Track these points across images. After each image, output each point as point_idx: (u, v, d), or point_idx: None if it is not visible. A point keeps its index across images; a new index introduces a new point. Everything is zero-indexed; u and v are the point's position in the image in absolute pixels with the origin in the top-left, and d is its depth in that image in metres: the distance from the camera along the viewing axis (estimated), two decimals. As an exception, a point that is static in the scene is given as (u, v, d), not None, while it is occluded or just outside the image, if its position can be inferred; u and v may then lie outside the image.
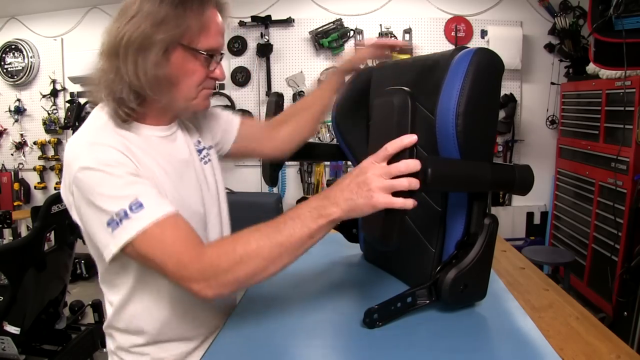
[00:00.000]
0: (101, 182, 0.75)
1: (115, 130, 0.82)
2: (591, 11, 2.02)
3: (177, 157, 0.92)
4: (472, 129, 0.82)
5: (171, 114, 0.91)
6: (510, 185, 0.86)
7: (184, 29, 0.79)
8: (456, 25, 3.59)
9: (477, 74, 0.84)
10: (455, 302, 0.89)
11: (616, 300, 2.50)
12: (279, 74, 3.69)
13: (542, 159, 3.66)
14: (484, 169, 0.83)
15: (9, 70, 3.99)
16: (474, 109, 0.82)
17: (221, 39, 0.86)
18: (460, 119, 0.81)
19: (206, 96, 0.88)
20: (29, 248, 2.02)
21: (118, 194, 0.74)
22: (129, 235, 0.73)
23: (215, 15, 0.84)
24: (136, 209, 0.73)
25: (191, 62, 0.82)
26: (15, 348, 2.05)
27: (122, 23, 0.79)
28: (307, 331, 0.88)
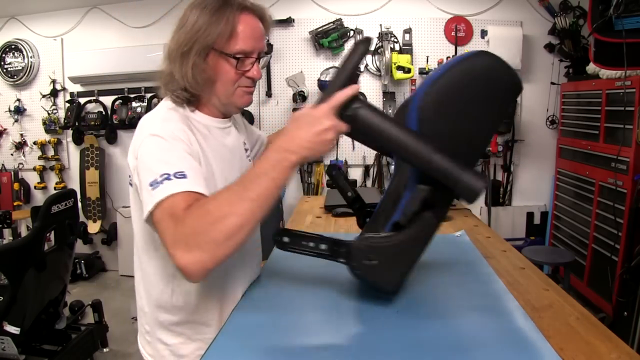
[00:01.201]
0: (161, 148, 0.86)
1: (183, 113, 0.97)
2: (591, 11, 2.02)
3: (229, 146, 1.07)
4: (438, 115, 0.83)
5: (222, 108, 1.04)
6: (452, 181, 0.81)
7: (216, 36, 0.92)
8: (456, 25, 3.59)
9: (467, 71, 0.84)
10: (359, 269, 0.87)
11: (616, 300, 2.50)
12: (279, 74, 3.69)
13: (542, 159, 3.66)
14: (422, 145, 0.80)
15: (9, 70, 3.99)
16: (449, 98, 0.83)
17: (254, 42, 0.97)
18: (427, 97, 0.83)
19: (243, 93, 1.01)
20: (29, 248, 2.02)
21: (170, 161, 0.84)
22: (164, 194, 0.79)
23: (249, 20, 0.97)
24: (179, 177, 0.81)
25: (224, 64, 0.96)
26: (15, 348, 2.05)
27: (175, 32, 0.96)
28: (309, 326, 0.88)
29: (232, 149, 1.08)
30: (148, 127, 0.91)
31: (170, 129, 0.90)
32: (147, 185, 0.82)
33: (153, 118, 0.95)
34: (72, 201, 2.29)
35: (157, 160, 0.84)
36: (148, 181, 0.82)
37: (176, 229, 0.76)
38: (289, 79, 3.62)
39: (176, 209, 0.78)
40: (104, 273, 4.12)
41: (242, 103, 1.03)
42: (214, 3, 0.93)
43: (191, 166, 0.85)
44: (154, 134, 0.88)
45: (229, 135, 1.08)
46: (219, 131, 1.05)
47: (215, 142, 1.02)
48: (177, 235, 0.76)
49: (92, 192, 3.98)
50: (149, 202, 0.81)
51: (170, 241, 0.76)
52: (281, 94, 3.73)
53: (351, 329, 0.87)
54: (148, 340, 1.06)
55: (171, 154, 0.86)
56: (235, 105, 1.03)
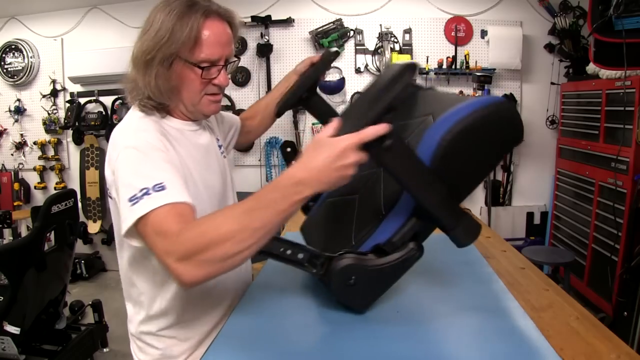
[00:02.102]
0: (137, 161, 0.84)
1: (154, 120, 0.95)
2: (591, 11, 2.02)
3: (204, 147, 1.06)
4: (453, 152, 0.83)
5: (190, 115, 1.02)
6: (449, 227, 0.83)
7: (180, 44, 0.89)
8: (456, 25, 3.59)
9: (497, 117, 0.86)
10: (336, 288, 0.86)
11: (616, 300, 2.50)
12: (279, 74, 3.69)
13: (542, 159, 3.66)
14: (437, 187, 0.81)
15: (9, 70, 3.99)
16: (468, 139, 0.83)
17: (220, 48, 0.93)
18: (449, 134, 0.82)
19: (210, 102, 0.99)
20: (29, 248, 2.02)
21: (147, 174, 0.82)
22: (144, 210, 0.77)
23: (214, 26, 0.92)
24: (158, 189, 0.79)
25: (189, 73, 0.93)
26: (15, 348, 2.05)
27: (140, 36, 0.93)
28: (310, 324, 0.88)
29: (207, 149, 1.07)
30: (122, 140, 0.89)
31: (144, 139, 0.88)
32: (126, 200, 0.80)
33: (126, 129, 0.93)
34: (72, 201, 2.29)
35: (134, 174, 0.82)
36: (127, 197, 0.80)
37: (167, 243, 0.75)
38: (289, 79, 3.62)
39: (162, 224, 0.76)
40: (104, 273, 4.12)
41: (210, 111, 1.01)
42: (178, 7, 0.90)
43: (170, 175, 0.83)
44: (128, 146, 0.86)
45: (201, 136, 1.07)
46: (191, 133, 1.03)
47: (190, 145, 1.01)
48: (169, 248, 0.74)
49: (92, 192, 3.98)
50: (129, 217, 0.79)
51: (162, 252, 0.75)
52: (281, 94, 3.73)
53: (351, 329, 0.87)
54: (139, 345, 1.06)
55: (148, 166, 0.83)
56: (203, 113, 1.01)
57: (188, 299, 1.01)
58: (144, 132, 0.90)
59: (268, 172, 3.83)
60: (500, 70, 3.56)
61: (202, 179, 1.01)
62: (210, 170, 1.06)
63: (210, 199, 1.03)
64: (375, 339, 0.83)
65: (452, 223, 0.83)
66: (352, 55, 3.66)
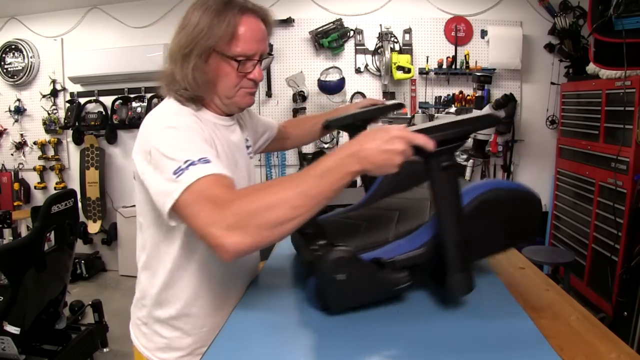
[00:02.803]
0: (179, 138, 0.86)
1: (189, 110, 0.97)
2: (591, 11, 2.02)
3: (235, 144, 1.08)
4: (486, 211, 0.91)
5: (225, 109, 1.04)
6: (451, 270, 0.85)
7: (217, 38, 0.93)
8: (456, 25, 3.59)
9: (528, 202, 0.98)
10: (322, 277, 0.86)
11: (616, 300, 2.50)
12: (279, 74, 3.69)
13: (542, 159, 3.66)
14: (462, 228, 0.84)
15: (9, 70, 4.00)
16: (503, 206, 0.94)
17: (255, 44, 0.97)
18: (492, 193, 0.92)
19: (244, 94, 1.02)
20: (29, 248, 2.02)
21: (190, 149, 0.83)
22: (191, 179, 0.77)
23: (250, 22, 0.96)
24: (203, 162, 0.80)
25: (225, 67, 0.96)
26: (15, 348, 2.05)
27: (177, 33, 0.96)
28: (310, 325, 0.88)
29: (237, 146, 1.09)
30: (160, 122, 0.91)
31: (184, 121, 0.91)
32: (170, 174, 0.80)
33: (163, 114, 0.95)
34: (72, 201, 2.29)
35: (177, 149, 0.83)
36: (172, 170, 0.80)
37: (215, 210, 0.74)
38: (289, 79, 3.62)
39: (210, 190, 0.76)
40: (104, 273, 4.12)
41: (245, 104, 1.04)
42: (215, 4, 0.94)
43: (211, 153, 0.85)
44: (169, 126, 0.88)
45: (233, 133, 1.09)
46: (224, 129, 1.06)
47: (222, 138, 1.03)
48: (216, 216, 0.74)
49: (92, 192, 3.99)
50: (174, 190, 0.78)
51: (207, 222, 0.74)
52: (281, 94, 3.73)
53: (351, 327, 0.87)
54: (144, 332, 1.07)
55: (190, 143, 0.85)
56: (238, 106, 1.04)
57: (201, 290, 1.03)
58: (182, 115, 0.94)
59: (268, 172, 3.83)
60: (500, 70, 3.56)
61: (230, 172, 1.01)
62: (238, 168, 1.07)
63: None
64: (375, 338, 0.83)
65: (457, 266, 0.85)
66: (352, 55, 3.67)
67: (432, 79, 3.65)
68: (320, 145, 3.74)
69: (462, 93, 3.57)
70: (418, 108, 3.64)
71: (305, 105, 3.71)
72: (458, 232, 0.84)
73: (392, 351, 0.79)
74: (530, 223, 0.99)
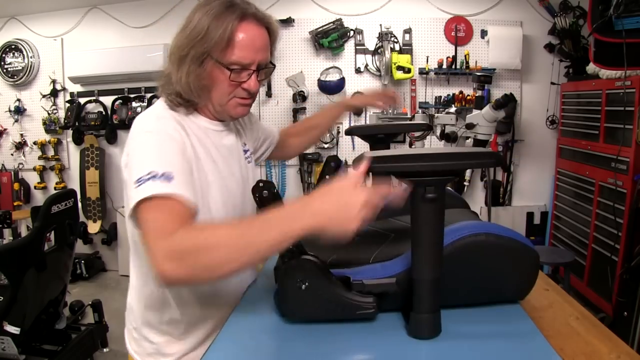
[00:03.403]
0: (152, 145, 0.86)
1: (175, 116, 0.96)
2: (591, 11, 2.01)
3: (227, 149, 1.05)
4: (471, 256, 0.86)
5: (217, 115, 1.02)
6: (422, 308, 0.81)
7: (212, 44, 0.89)
8: (456, 25, 3.59)
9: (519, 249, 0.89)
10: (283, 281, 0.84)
11: (616, 300, 2.50)
12: (279, 74, 3.69)
13: (542, 159, 3.66)
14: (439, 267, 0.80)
15: (9, 70, 3.99)
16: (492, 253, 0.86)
17: (253, 53, 0.93)
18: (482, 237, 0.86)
19: (236, 105, 0.98)
20: (29, 248, 2.02)
21: (159, 159, 0.83)
22: (146, 193, 0.78)
23: (249, 29, 0.92)
24: (164, 178, 0.80)
25: (219, 74, 0.93)
26: (15, 348, 2.05)
27: (178, 32, 0.94)
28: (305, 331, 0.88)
29: (230, 151, 1.07)
30: (142, 125, 0.91)
31: (164, 127, 0.90)
32: (133, 181, 0.80)
33: (148, 116, 0.95)
34: (72, 201, 2.29)
35: (147, 157, 0.84)
36: (135, 177, 0.80)
37: (160, 235, 0.74)
38: (289, 79, 3.62)
39: (160, 218, 0.77)
40: (104, 273, 4.12)
41: (236, 114, 1.01)
42: (217, 7, 0.90)
43: (181, 168, 0.84)
44: (147, 131, 0.89)
45: (226, 138, 1.07)
46: (215, 133, 1.03)
47: (211, 145, 1.01)
48: (160, 242, 0.74)
49: (92, 192, 3.99)
50: (133, 198, 0.79)
51: (151, 244, 0.74)
52: (281, 94, 3.73)
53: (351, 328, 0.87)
54: (135, 337, 1.07)
55: (162, 152, 0.85)
56: (229, 115, 1.01)
57: (192, 297, 1.02)
58: (164, 119, 0.93)
59: (268, 172, 3.83)
60: (500, 70, 3.56)
61: (220, 182, 1.00)
62: (230, 173, 1.04)
63: (225, 203, 1.01)
64: (374, 338, 0.83)
65: (424, 307, 0.80)
66: (352, 55, 3.66)
67: (432, 79, 3.65)
68: (320, 145, 3.74)
69: (462, 93, 3.57)
70: (418, 108, 3.64)
71: (305, 105, 3.71)
72: (432, 270, 0.79)
73: (392, 350, 0.79)
74: (521, 279, 0.91)
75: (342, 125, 3.71)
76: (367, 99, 1.48)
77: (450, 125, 2.59)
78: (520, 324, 0.87)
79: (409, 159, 0.75)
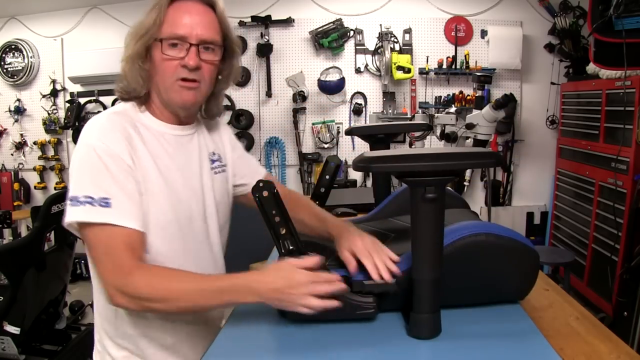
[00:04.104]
0: (92, 165, 0.83)
1: (130, 119, 0.91)
2: (591, 11, 2.01)
3: (184, 156, 0.98)
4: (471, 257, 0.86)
5: (170, 110, 0.96)
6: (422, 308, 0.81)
7: (149, 30, 0.89)
8: (456, 25, 3.59)
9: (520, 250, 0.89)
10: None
11: (616, 300, 2.50)
12: (279, 74, 3.69)
13: (542, 159, 3.66)
14: (439, 266, 0.80)
15: (9, 70, 3.99)
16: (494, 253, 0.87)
17: (188, 26, 0.89)
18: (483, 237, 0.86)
19: (180, 88, 0.91)
20: (29, 248, 2.02)
21: (97, 183, 0.82)
22: (76, 218, 0.81)
23: (183, 5, 0.90)
24: (102, 204, 0.81)
25: (158, 53, 0.90)
26: (15, 348, 2.05)
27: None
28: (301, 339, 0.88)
29: (189, 157, 0.99)
30: (87, 134, 0.86)
31: (107, 143, 0.84)
32: (69, 197, 0.82)
33: (93, 125, 0.88)
34: (72, 201, 2.29)
35: (84, 176, 0.83)
36: (71, 194, 0.82)
37: (115, 272, 0.80)
38: (289, 79, 3.62)
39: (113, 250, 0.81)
40: (104, 273, 4.11)
41: (182, 100, 0.92)
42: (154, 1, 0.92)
43: (120, 192, 0.82)
44: (89, 145, 0.84)
45: (187, 144, 0.99)
46: (174, 138, 0.97)
47: (163, 150, 0.94)
48: (116, 280, 0.80)
49: (92, 192, 3.98)
50: (68, 214, 0.82)
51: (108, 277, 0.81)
52: (281, 94, 3.73)
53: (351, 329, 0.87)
54: (98, 349, 1.00)
55: (100, 175, 0.82)
56: (174, 102, 0.93)
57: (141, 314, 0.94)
58: (110, 132, 0.86)
59: (268, 172, 3.83)
60: (500, 70, 3.56)
61: (166, 192, 0.92)
62: (187, 185, 0.96)
63: (178, 216, 0.94)
64: (374, 338, 0.83)
65: (424, 307, 0.80)
66: (352, 55, 3.67)
67: (432, 79, 3.65)
68: (321, 145, 3.74)
69: (462, 93, 3.57)
70: (418, 108, 3.64)
71: (305, 105, 3.71)
72: (432, 271, 0.79)
73: (391, 350, 0.79)
74: (521, 279, 0.91)
75: (343, 125, 3.71)
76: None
77: (450, 125, 2.59)
78: (520, 324, 0.87)
79: (409, 159, 0.75)
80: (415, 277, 0.81)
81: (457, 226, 0.87)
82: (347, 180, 3.57)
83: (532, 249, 0.89)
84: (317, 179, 1.55)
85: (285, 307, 0.80)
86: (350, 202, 1.89)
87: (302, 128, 3.76)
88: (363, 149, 3.68)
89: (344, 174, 3.73)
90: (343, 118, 3.74)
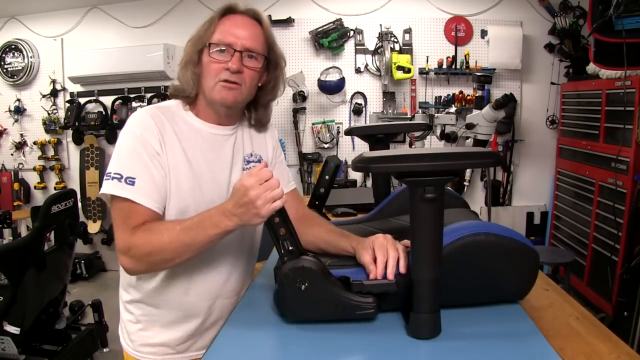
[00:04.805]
0: (127, 148, 0.97)
1: (171, 113, 1.04)
2: (591, 11, 2.01)
3: (216, 152, 1.08)
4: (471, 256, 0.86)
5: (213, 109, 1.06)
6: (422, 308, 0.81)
7: (202, 38, 1.01)
8: (456, 25, 3.59)
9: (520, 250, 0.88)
10: (282, 281, 0.84)
11: (616, 300, 2.50)
12: (279, 74, 3.69)
13: (542, 159, 3.66)
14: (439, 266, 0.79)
15: (9, 70, 3.99)
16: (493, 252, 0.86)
17: (234, 34, 1.00)
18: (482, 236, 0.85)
19: (221, 88, 1.01)
20: (29, 248, 2.02)
21: (128, 163, 0.96)
22: (106, 191, 0.94)
23: (233, 17, 1.02)
24: (128, 182, 0.94)
25: (206, 56, 1.01)
26: (15, 348, 2.05)
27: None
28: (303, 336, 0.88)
29: (221, 154, 1.08)
30: (129, 122, 1.00)
31: (141, 131, 0.98)
32: (106, 171, 0.96)
33: (136, 114, 1.02)
34: (72, 201, 2.29)
35: (120, 157, 0.97)
36: (108, 169, 0.96)
37: (122, 237, 0.94)
38: (289, 79, 3.62)
39: (125, 218, 0.94)
40: (104, 273, 4.12)
41: (221, 98, 1.02)
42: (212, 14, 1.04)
43: (145, 173, 0.95)
44: (128, 131, 0.99)
45: (224, 142, 1.09)
46: (211, 136, 1.07)
47: (197, 146, 1.05)
48: (121, 242, 0.93)
49: (92, 192, 3.98)
50: (103, 186, 0.96)
51: (117, 240, 0.95)
52: (281, 94, 3.73)
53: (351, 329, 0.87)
54: (122, 324, 1.16)
55: (132, 158, 0.96)
56: (215, 100, 1.03)
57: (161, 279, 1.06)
58: (145, 121, 0.99)
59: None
60: (500, 70, 3.56)
61: (195, 180, 1.04)
62: (213, 180, 1.06)
63: (197, 204, 1.02)
64: (374, 338, 0.83)
65: (424, 307, 0.80)
66: (352, 55, 3.67)
67: (432, 79, 3.65)
68: (321, 145, 3.74)
69: (462, 93, 3.57)
70: (418, 108, 3.65)
71: (305, 105, 3.71)
72: (432, 271, 0.79)
73: (391, 351, 0.79)
74: (521, 279, 0.90)
75: (342, 125, 3.71)
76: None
77: (450, 125, 2.59)
78: (520, 324, 0.87)
79: (408, 159, 0.75)
80: (414, 277, 0.81)
81: (456, 226, 0.87)
82: (347, 180, 3.57)
83: (532, 249, 0.89)
84: (317, 179, 1.54)
85: (255, 216, 0.84)
86: (350, 202, 1.89)
87: (302, 128, 3.76)
88: (363, 149, 3.67)
89: (343, 174, 3.73)
90: (343, 118, 3.75)
